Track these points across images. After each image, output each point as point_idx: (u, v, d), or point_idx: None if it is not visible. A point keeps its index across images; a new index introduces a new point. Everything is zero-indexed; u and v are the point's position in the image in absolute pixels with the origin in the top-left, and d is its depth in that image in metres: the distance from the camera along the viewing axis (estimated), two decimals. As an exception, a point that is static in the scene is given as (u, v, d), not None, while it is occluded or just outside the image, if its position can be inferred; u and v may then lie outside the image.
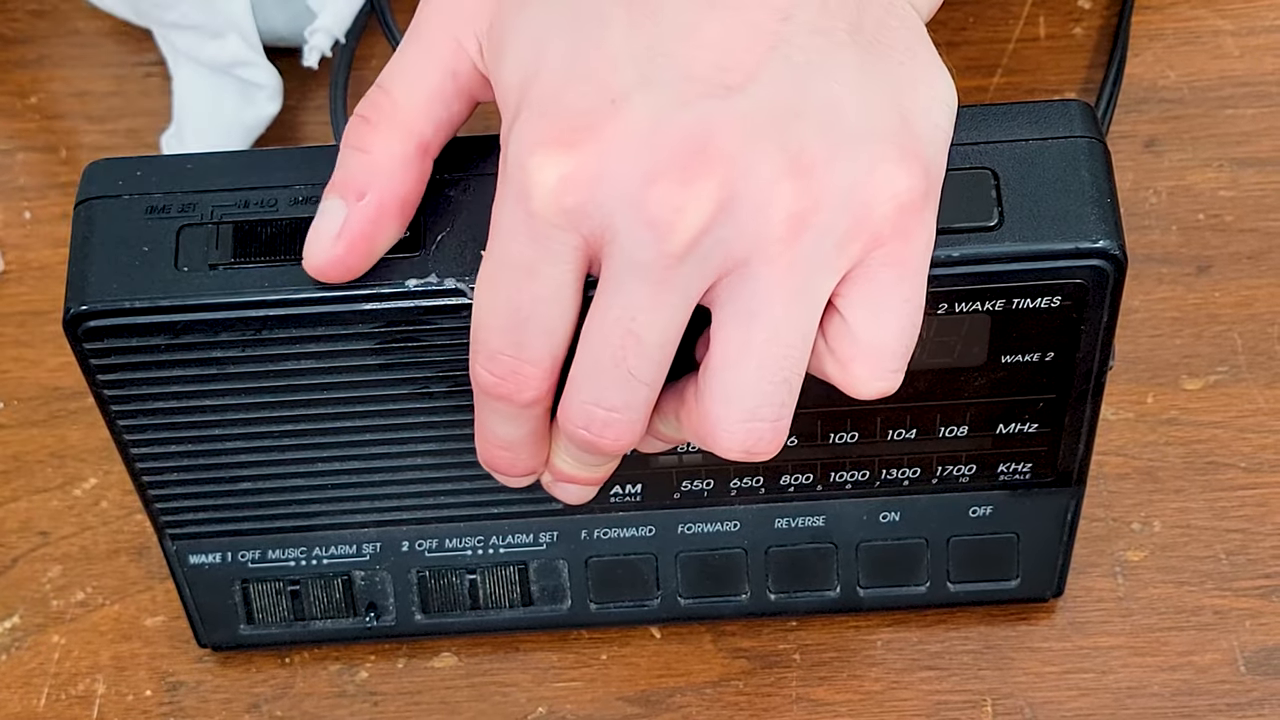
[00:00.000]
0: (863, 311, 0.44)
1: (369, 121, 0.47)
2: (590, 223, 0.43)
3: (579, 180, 0.43)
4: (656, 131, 0.42)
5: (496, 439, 0.48)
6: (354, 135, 0.47)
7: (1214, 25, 0.69)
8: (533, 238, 0.44)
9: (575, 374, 0.45)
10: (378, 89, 0.47)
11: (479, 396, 0.47)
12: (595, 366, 0.44)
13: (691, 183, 0.42)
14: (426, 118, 0.47)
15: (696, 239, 0.43)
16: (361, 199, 0.46)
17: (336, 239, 0.46)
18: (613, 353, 0.44)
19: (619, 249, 0.43)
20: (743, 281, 0.43)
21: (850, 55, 0.44)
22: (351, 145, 0.47)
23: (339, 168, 0.47)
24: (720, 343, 0.44)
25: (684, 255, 0.43)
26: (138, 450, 0.52)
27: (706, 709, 0.58)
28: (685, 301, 0.44)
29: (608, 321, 0.44)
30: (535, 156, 0.43)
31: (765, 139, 0.43)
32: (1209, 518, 0.60)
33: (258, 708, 0.59)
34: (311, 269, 0.47)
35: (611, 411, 0.45)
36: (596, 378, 0.44)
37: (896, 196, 0.43)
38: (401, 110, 0.47)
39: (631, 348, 0.44)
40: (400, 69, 0.47)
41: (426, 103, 0.47)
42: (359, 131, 0.47)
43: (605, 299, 0.44)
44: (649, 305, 0.43)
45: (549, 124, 0.43)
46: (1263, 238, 0.65)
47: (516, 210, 0.44)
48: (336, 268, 0.47)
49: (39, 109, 0.71)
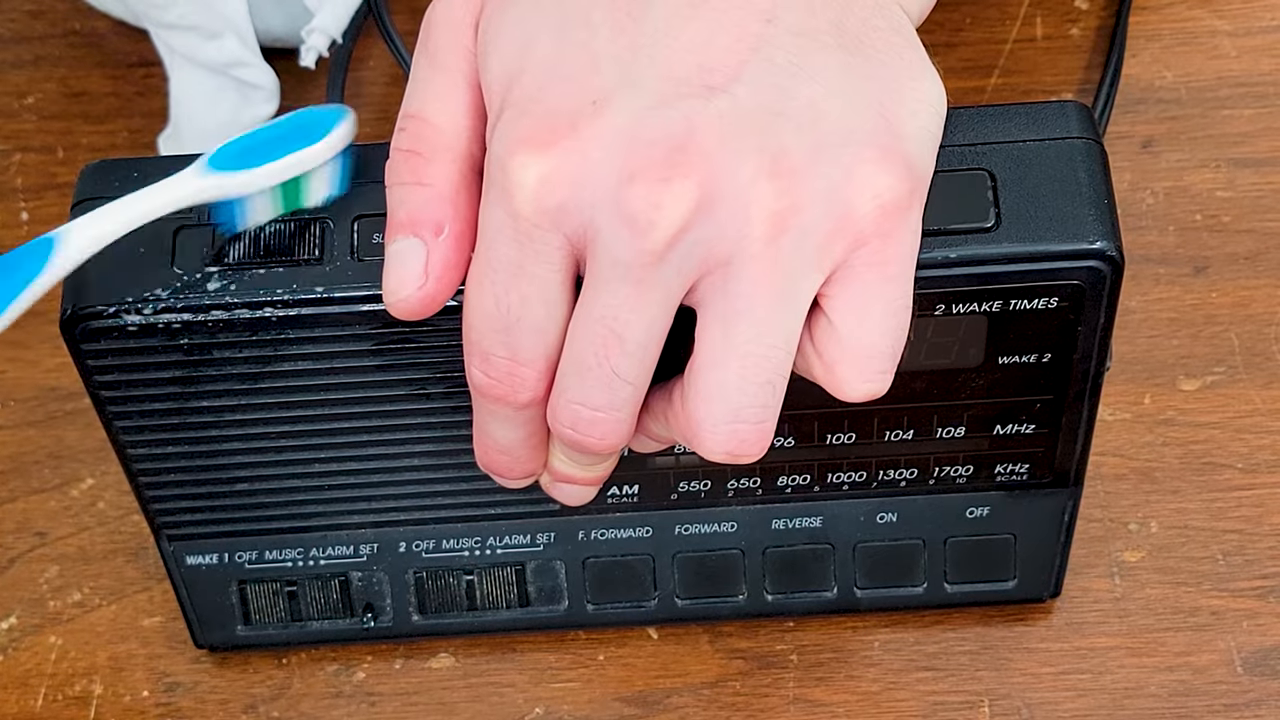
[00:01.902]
0: (848, 313, 0.44)
1: (420, 155, 0.46)
2: (572, 222, 0.43)
3: (559, 180, 0.43)
4: (637, 131, 0.43)
5: (495, 442, 0.48)
6: (407, 170, 0.46)
7: (1211, 26, 0.69)
8: (517, 238, 0.44)
9: (561, 373, 0.45)
10: (414, 120, 0.46)
11: (477, 400, 0.47)
12: (580, 366, 0.44)
13: (671, 181, 0.42)
14: (471, 136, 0.46)
15: (676, 238, 0.43)
16: (440, 234, 0.46)
17: (424, 277, 0.46)
18: (596, 352, 0.44)
19: (601, 248, 0.43)
20: (725, 282, 0.43)
21: (834, 57, 0.44)
22: (408, 181, 0.46)
23: (400, 206, 0.46)
24: (703, 343, 0.44)
25: (663, 254, 0.43)
26: (134, 451, 0.52)
27: (703, 709, 0.58)
28: (667, 301, 0.44)
29: (591, 321, 0.44)
30: (517, 157, 0.43)
31: (746, 139, 0.43)
32: (1206, 518, 0.60)
33: (255, 708, 0.59)
34: (402, 311, 0.46)
35: (597, 411, 0.45)
36: (581, 377, 0.44)
37: (878, 197, 0.43)
38: (446, 135, 0.46)
39: (614, 347, 0.44)
40: (426, 93, 0.47)
41: (466, 119, 0.46)
42: (412, 166, 0.46)
43: (588, 298, 0.44)
44: (630, 304, 0.43)
45: (530, 124, 0.43)
46: (1260, 238, 0.65)
47: (500, 211, 0.44)
48: (429, 305, 0.46)
49: (36, 109, 0.71)
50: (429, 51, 0.47)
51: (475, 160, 0.46)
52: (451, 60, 0.46)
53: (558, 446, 0.48)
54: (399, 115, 0.47)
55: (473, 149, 0.46)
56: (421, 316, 0.46)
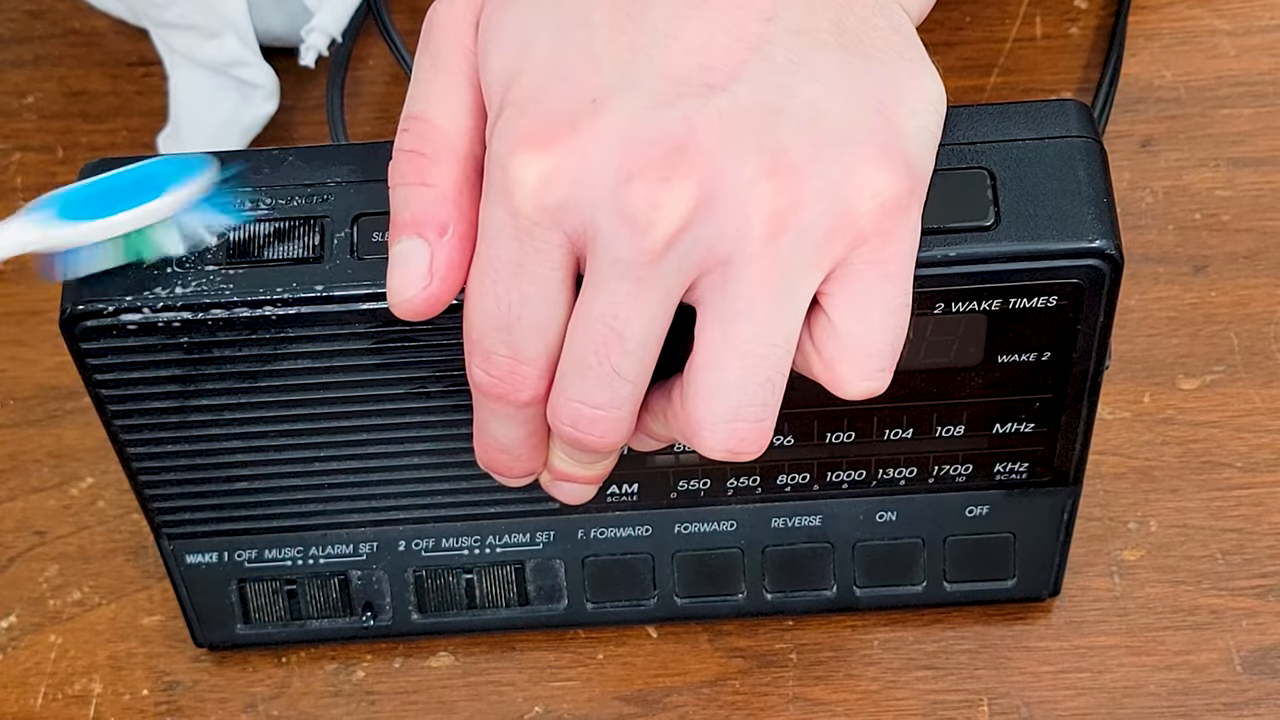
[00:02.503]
0: (847, 311, 0.44)
1: (424, 155, 0.46)
2: (573, 220, 0.43)
3: (559, 179, 0.43)
4: (636, 130, 0.43)
5: (495, 441, 0.48)
6: (411, 171, 0.46)
7: (1210, 25, 0.69)
8: (518, 237, 0.44)
9: (561, 372, 0.45)
10: (417, 120, 0.46)
11: (478, 398, 0.47)
12: (580, 364, 0.44)
13: (670, 180, 0.42)
14: (473, 136, 0.46)
15: (675, 236, 0.43)
16: (445, 234, 0.45)
17: (429, 277, 0.46)
18: (596, 350, 0.44)
19: (601, 246, 0.43)
20: (725, 281, 0.43)
21: (833, 56, 0.44)
22: (412, 182, 0.46)
23: (404, 206, 0.46)
24: (703, 342, 0.44)
25: (663, 252, 0.43)
26: (134, 450, 0.52)
27: (703, 708, 0.58)
28: (667, 299, 0.44)
29: (591, 319, 0.44)
30: (517, 156, 0.43)
31: (745, 138, 0.43)
32: (1205, 517, 0.60)
33: (254, 707, 0.59)
34: (407, 312, 0.46)
35: (597, 409, 0.45)
36: (581, 375, 0.45)
37: (878, 195, 0.43)
38: (449, 135, 0.46)
39: (614, 345, 0.44)
40: (429, 93, 0.47)
41: (469, 120, 0.46)
42: (416, 166, 0.46)
43: (588, 297, 0.44)
44: (630, 303, 0.43)
45: (530, 123, 0.43)
46: (1259, 237, 0.65)
47: (501, 210, 0.44)
48: (433, 305, 0.46)
49: (36, 108, 0.71)
50: (430, 52, 0.47)
51: (478, 161, 0.46)
52: (453, 61, 0.46)
53: (558, 445, 0.48)
54: (401, 116, 0.47)
55: (475, 149, 0.46)
56: (426, 317, 0.46)
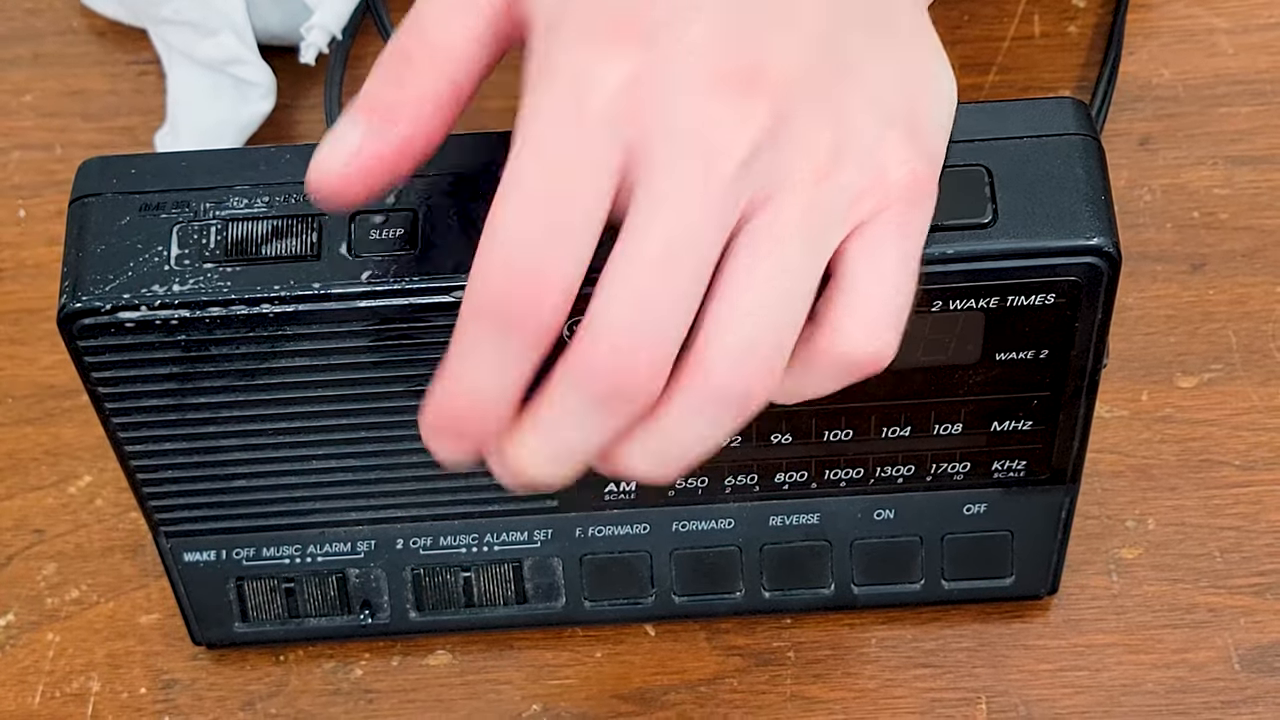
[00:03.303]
0: (864, 263, 0.44)
1: (409, 59, 0.45)
2: (639, 126, 0.41)
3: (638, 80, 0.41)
4: (726, 42, 0.42)
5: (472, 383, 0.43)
6: (391, 68, 0.45)
7: (1209, 23, 0.69)
8: (581, 139, 0.41)
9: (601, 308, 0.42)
10: (414, 28, 0.45)
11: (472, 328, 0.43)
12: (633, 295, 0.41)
13: (750, 98, 0.42)
14: (465, 62, 0.45)
15: (746, 160, 0.42)
16: (390, 128, 0.44)
17: (353, 157, 0.44)
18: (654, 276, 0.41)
19: (661, 165, 0.41)
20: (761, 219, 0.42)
21: (878, 39, 0.45)
22: (388, 79, 0.44)
23: (369, 94, 0.44)
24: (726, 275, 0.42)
25: (733, 175, 0.42)
26: (132, 448, 0.52)
27: (701, 707, 0.58)
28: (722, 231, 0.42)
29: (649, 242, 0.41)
30: (594, 47, 0.42)
31: (814, 82, 0.43)
32: (1203, 515, 0.60)
33: (252, 705, 0.59)
34: (316, 187, 0.44)
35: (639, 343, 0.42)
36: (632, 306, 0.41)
37: (908, 163, 0.44)
38: (440, 52, 0.45)
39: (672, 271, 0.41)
40: (434, 8, 0.45)
41: (465, 44, 0.45)
42: (395, 66, 0.44)
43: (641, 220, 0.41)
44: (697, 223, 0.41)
45: (609, 20, 0.42)
46: (1257, 235, 0.65)
47: (564, 108, 0.42)
48: (341, 188, 0.44)
49: (34, 107, 0.71)
50: None
51: (458, 87, 0.45)
52: None
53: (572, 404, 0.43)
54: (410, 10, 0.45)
55: (460, 76, 0.45)
56: (331, 205, 0.44)
